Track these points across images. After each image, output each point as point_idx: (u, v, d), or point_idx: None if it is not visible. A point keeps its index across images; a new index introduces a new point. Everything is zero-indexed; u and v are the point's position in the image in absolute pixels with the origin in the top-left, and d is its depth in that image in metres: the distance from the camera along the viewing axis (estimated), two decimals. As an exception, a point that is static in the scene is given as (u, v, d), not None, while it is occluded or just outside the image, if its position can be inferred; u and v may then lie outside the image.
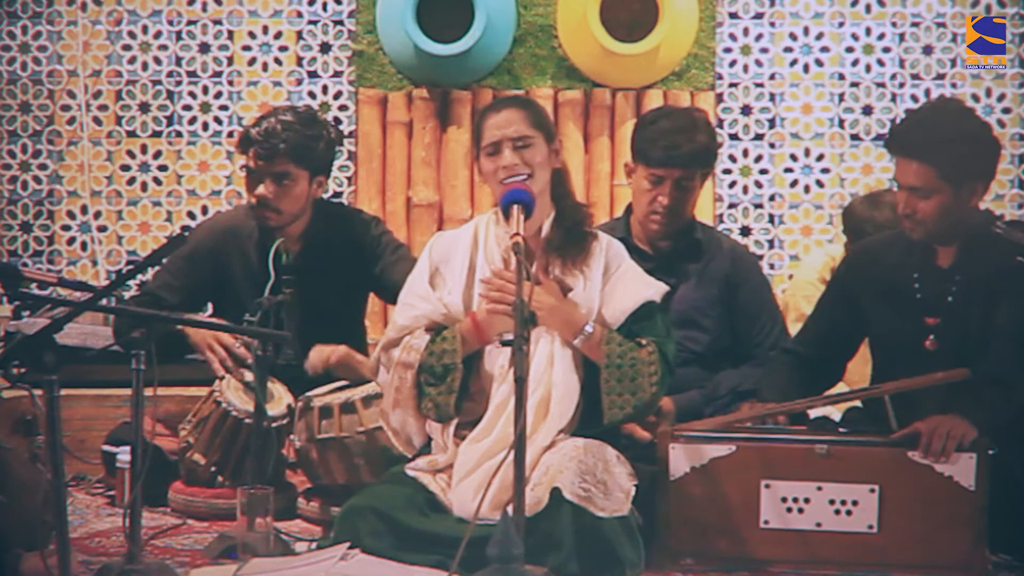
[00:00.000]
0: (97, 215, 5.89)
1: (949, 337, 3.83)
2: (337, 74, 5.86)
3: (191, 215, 5.89)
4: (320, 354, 4.19)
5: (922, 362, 3.80)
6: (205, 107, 5.87)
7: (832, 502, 3.64)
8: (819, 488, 3.64)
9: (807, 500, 3.64)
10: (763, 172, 5.87)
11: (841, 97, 5.85)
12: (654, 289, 3.73)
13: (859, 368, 4.27)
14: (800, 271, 5.14)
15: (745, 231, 5.86)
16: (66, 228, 5.90)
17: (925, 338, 3.85)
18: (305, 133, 4.32)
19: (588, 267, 3.71)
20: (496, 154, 3.68)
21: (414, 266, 3.86)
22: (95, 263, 5.89)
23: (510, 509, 3.15)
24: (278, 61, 5.87)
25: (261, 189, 4.31)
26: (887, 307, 3.91)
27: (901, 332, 3.89)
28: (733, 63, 5.84)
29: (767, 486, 3.64)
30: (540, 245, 3.71)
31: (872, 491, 3.62)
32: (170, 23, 5.87)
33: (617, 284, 3.72)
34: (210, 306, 4.59)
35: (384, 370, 3.72)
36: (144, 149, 5.88)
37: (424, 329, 3.69)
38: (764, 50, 5.85)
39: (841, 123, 5.86)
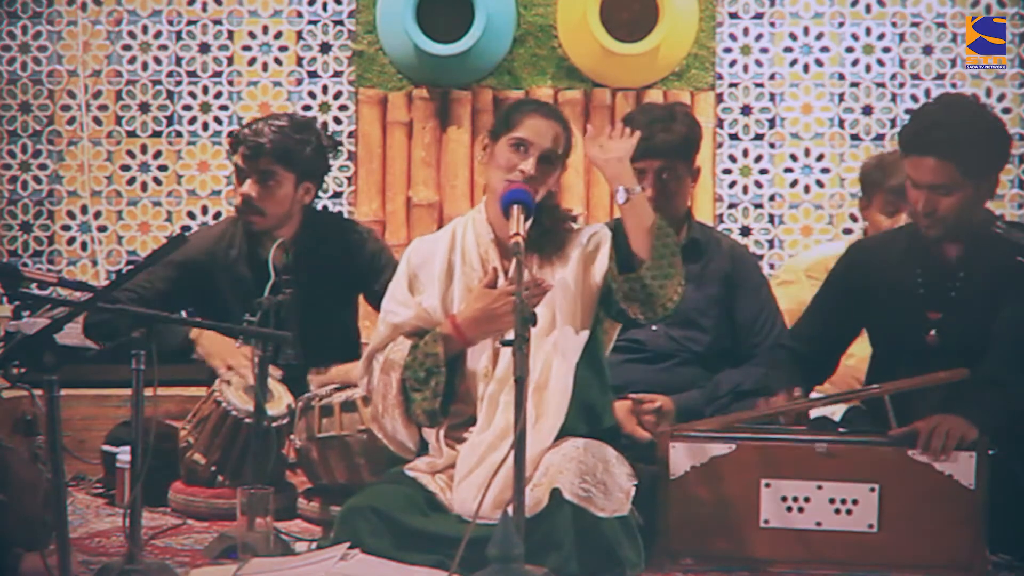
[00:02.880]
0: (97, 215, 5.89)
1: (951, 332, 3.82)
2: (337, 74, 5.86)
3: (191, 215, 5.89)
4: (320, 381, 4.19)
5: (924, 357, 3.80)
6: (205, 107, 5.87)
7: (832, 501, 3.64)
8: (819, 487, 3.64)
9: (807, 499, 3.64)
10: (763, 172, 5.87)
11: (841, 97, 5.85)
12: None
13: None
14: (793, 260, 5.09)
15: (745, 231, 5.86)
16: (66, 228, 5.90)
17: (927, 333, 3.85)
18: (293, 136, 4.33)
19: (567, 255, 3.70)
20: (523, 152, 3.66)
21: None
22: (95, 263, 5.89)
23: (510, 509, 3.15)
24: (278, 61, 5.87)
25: (245, 187, 4.32)
26: (889, 301, 3.91)
27: (903, 326, 3.88)
28: (733, 63, 5.84)
29: (767, 485, 3.64)
30: None
31: (872, 490, 3.62)
32: (170, 23, 5.86)
33: (601, 246, 3.71)
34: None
35: (370, 379, 3.72)
36: (144, 149, 5.88)
37: (406, 335, 3.69)
38: (764, 50, 5.85)
39: (841, 123, 5.86)
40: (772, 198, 5.87)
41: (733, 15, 5.84)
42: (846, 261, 4.10)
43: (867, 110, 5.84)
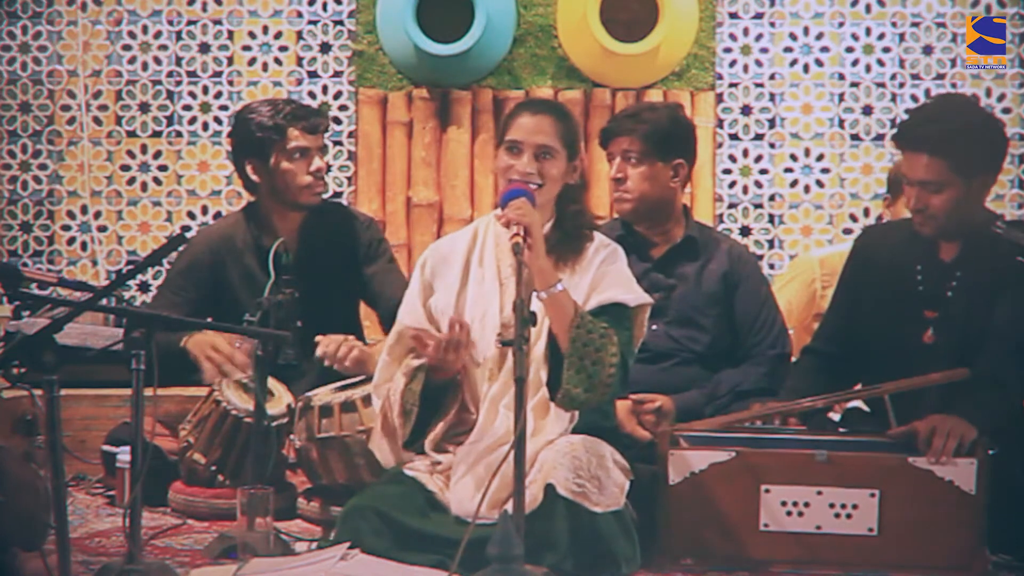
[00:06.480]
0: (97, 215, 5.89)
1: (947, 332, 3.82)
2: (337, 74, 5.86)
3: (191, 215, 5.89)
4: (334, 346, 4.16)
5: (920, 355, 3.79)
6: (205, 107, 5.87)
7: (832, 506, 3.63)
8: (819, 492, 3.63)
9: (807, 504, 3.63)
10: (763, 172, 5.87)
11: (841, 97, 5.86)
12: (632, 296, 3.67)
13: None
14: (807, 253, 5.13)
15: (745, 231, 5.86)
16: (66, 228, 5.90)
17: (924, 331, 3.84)
18: (320, 109, 4.62)
19: (580, 264, 3.69)
20: (516, 153, 3.67)
21: (402, 281, 3.93)
22: (95, 263, 5.89)
23: (509, 508, 3.15)
24: (278, 61, 5.87)
25: (318, 163, 4.41)
26: (889, 297, 3.90)
27: (901, 323, 3.87)
28: (733, 63, 5.85)
29: (767, 491, 3.64)
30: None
31: (872, 496, 3.61)
32: (170, 23, 5.87)
33: (600, 280, 3.69)
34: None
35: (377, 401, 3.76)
36: (144, 149, 5.89)
37: (408, 349, 3.68)
38: (764, 50, 5.85)
39: (841, 123, 5.86)
40: (772, 198, 5.87)
41: (733, 15, 5.84)
42: (854, 251, 4.08)
43: (867, 110, 5.84)
